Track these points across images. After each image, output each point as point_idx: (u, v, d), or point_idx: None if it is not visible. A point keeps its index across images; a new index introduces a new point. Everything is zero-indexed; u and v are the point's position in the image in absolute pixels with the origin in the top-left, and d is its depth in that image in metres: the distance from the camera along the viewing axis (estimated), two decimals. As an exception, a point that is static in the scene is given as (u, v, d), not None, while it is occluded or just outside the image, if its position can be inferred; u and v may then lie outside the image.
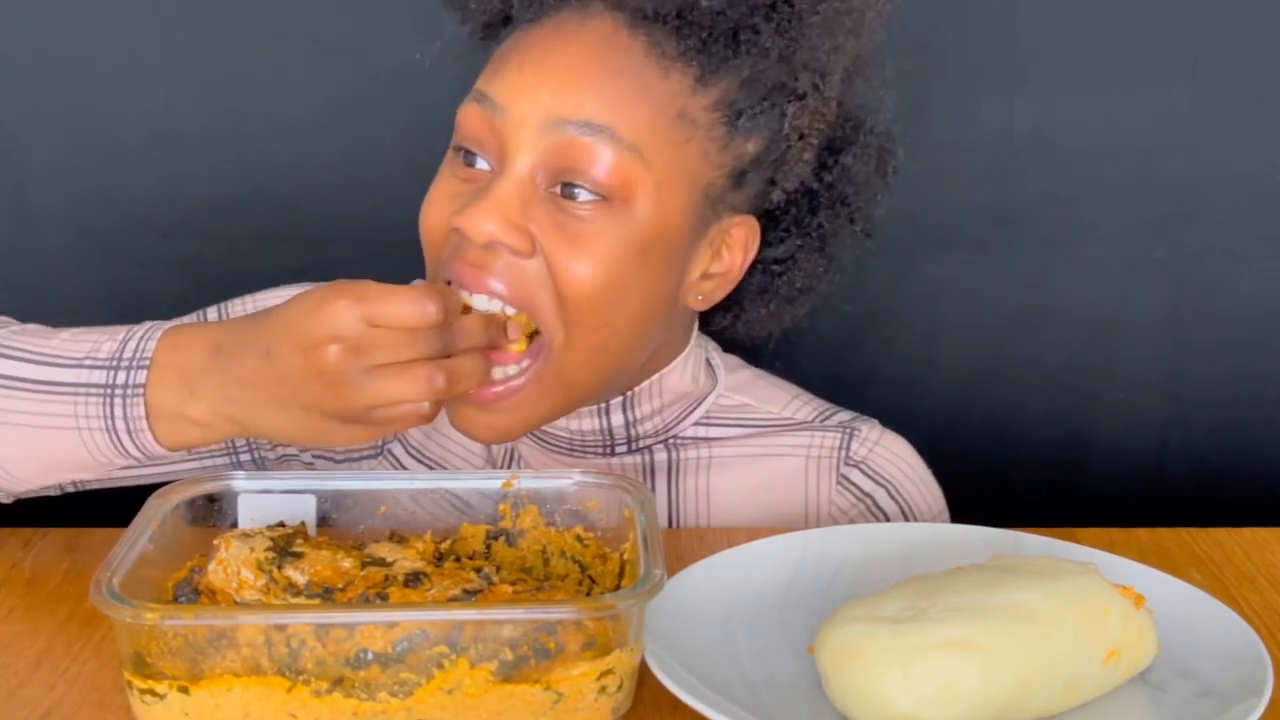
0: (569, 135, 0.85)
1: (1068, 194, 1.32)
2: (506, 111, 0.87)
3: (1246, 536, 0.92)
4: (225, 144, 1.30)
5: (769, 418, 1.03)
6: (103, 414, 0.82)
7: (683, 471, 1.01)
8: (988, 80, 1.29)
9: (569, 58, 0.87)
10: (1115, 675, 0.69)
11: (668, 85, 0.87)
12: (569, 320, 0.87)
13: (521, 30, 0.91)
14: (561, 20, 0.89)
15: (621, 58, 0.87)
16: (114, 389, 0.82)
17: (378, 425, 0.79)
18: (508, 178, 0.86)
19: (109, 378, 0.82)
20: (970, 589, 0.69)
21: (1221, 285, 1.34)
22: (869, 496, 1.02)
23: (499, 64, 0.90)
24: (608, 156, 0.86)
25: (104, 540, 0.89)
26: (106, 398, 0.82)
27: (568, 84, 0.86)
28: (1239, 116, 1.29)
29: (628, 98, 0.86)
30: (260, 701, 0.65)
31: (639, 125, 0.86)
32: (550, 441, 0.99)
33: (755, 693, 0.70)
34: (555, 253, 0.86)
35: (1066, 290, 1.35)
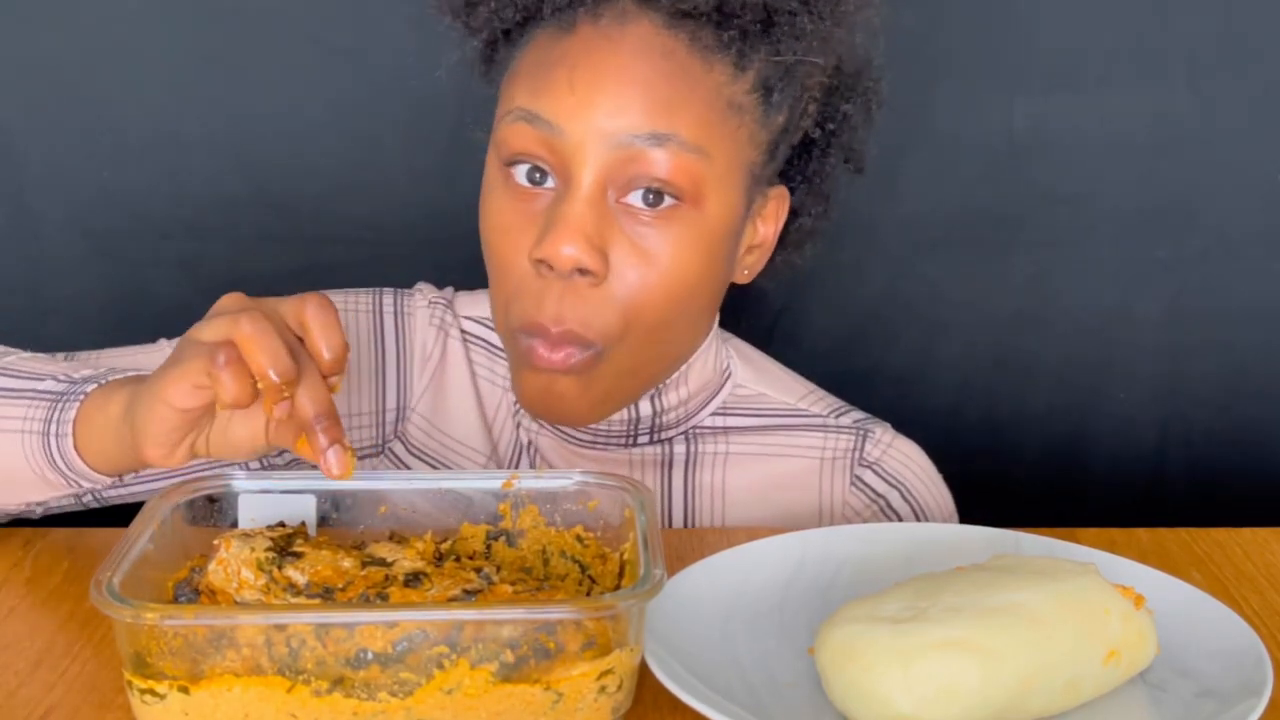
0: (636, 149, 0.85)
1: (1068, 194, 1.32)
2: (565, 133, 0.85)
3: (1246, 537, 0.92)
4: (225, 144, 1.30)
5: (784, 408, 1.04)
6: (45, 417, 0.83)
7: (699, 466, 1.02)
8: (988, 80, 1.29)
9: (620, 70, 0.85)
10: (1115, 675, 0.69)
11: (713, 78, 0.87)
12: (629, 331, 0.88)
13: (550, 37, 0.88)
14: (600, 27, 0.86)
15: (669, 60, 0.86)
16: (64, 397, 0.83)
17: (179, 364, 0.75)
18: (578, 197, 0.86)
19: (67, 389, 0.84)
20: (970, 589, 0.69)
21: (1221, 285, 1.34)
22: (882, 498, 1.03)
23: (540, 78, 0.87)
24: (676, 162, 0.85)
25: (104, 540, 0.89)
26: (54, 403, 0.83)
27: (625, 98, 0.85)
28: (1239, 116, 1.29)
29: (683, 99, 0.86)
30: (260, 701, 0.65)
31: (698, 124, 0.86)
32: (569, 432, 1.00)
33: (755, 693, 0.70)
34: (627, 272, 0.87)
35: (1066, 290, 1.35)
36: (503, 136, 0.88)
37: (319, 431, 0.74)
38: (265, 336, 0.72)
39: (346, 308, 1.03)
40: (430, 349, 1.04)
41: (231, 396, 0.72)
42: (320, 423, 0.74)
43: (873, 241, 1.34)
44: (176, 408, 0.74)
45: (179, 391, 0.74)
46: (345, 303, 1.03)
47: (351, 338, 1.02)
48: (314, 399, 0.74)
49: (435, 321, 1.04)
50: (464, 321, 1.05)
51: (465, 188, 0.99)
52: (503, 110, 0.89)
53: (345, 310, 1.03)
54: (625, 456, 1.01)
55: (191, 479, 0.79)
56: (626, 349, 0.89)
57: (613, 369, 0.90)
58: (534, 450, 1.02)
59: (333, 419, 0.74)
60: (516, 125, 0.87)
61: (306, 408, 0.73)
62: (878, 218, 1.33)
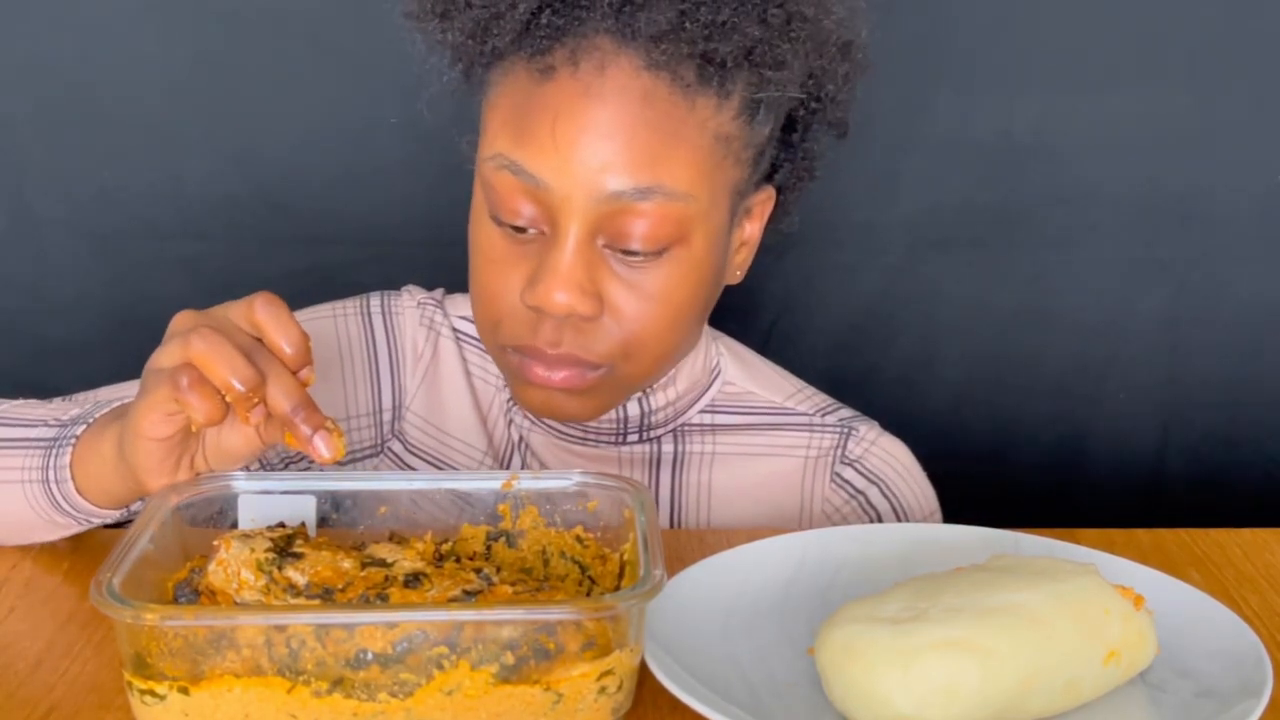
0: (622, 203, 0.85)
1: (1068, 194, 1.32)
2: (551, 188, 0.85)
3: (1246, 537, 0.92)
4: (225, 144, 1.30)
5: (771, 406, 1.04)
6: (42, 465, 0.84)
7: (686, 466, 1.02)
8: (988, 80, 1.29)
9: (603, 124, 0.84)
10: (1115, 676, 0.69)
11: (696, 116, 0.86)
12: (632, 354, 0.90)
13: (528, 77, 0.86)
14: (580, 75, 0.84)
15: (651, 107, 0.84)
16: (56, 442, 0.84)
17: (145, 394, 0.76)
18: (567, 247, 0.86)
19: (59, 434, 0.85)
20: (970, 589, 0.69)
21: (1221, 285, 1.34)
22: (861, 494, 1.03)
23: (521, 126, 0.86)
24: (663, 213, 0.85)
25: (104, 540, 0.89)
26: (48, 450, 0.84)
27: (609, 153, 0.84)
28: (1239, 117, 1.29)
29: (668, 148, 0.85)
30: (260, 702, 0.65)
31: (684, 169, 0.86)
32: (560, 428, 1.00)
33: (755, 693, 0.70)
34: (624, 307, 0.88)
35: (1066, 290, 1.35)
36: (488, 179, 0.88)
37: (299, 423, 0.74)
38: (219, 349, 0.73)
39: (335, 315, 1.04)
40: (421, 348, 1.04)
41: (203, 416, 0.73)
42: (298, 414, 0.74)
43: (873, 241, 1.34)
44: (155, 439, 0.76)
45: (151, 423, 0.75)
46: (333, 311, 1.04)
47: (342, 342, 1.03)
48: (285, 393, 0.74)
49: (425, 321, 1.04)
50: (455, 320, 1.05)
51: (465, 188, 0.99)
52: (487, 149, 0.88)
53: (334, 317, 1.03)
54: (615, 454, 1.02)
55: (192, 479, 0.79)
56: (630, 366, 0.91)
57: (616, 382, 0.92)
58: (525, 446, 1.03)
59: (309, 407, 0.74)
60: (501, 174, 0.87)
61: (281, 404, 0.74)
62: (878, 218, 1.33)
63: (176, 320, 0.77)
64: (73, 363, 1.34)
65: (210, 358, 0.73)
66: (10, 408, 0.90)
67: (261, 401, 0.74)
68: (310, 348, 0.76)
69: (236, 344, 0.74)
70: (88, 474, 0.83)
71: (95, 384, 1.02)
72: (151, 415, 0.75)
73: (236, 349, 0.73)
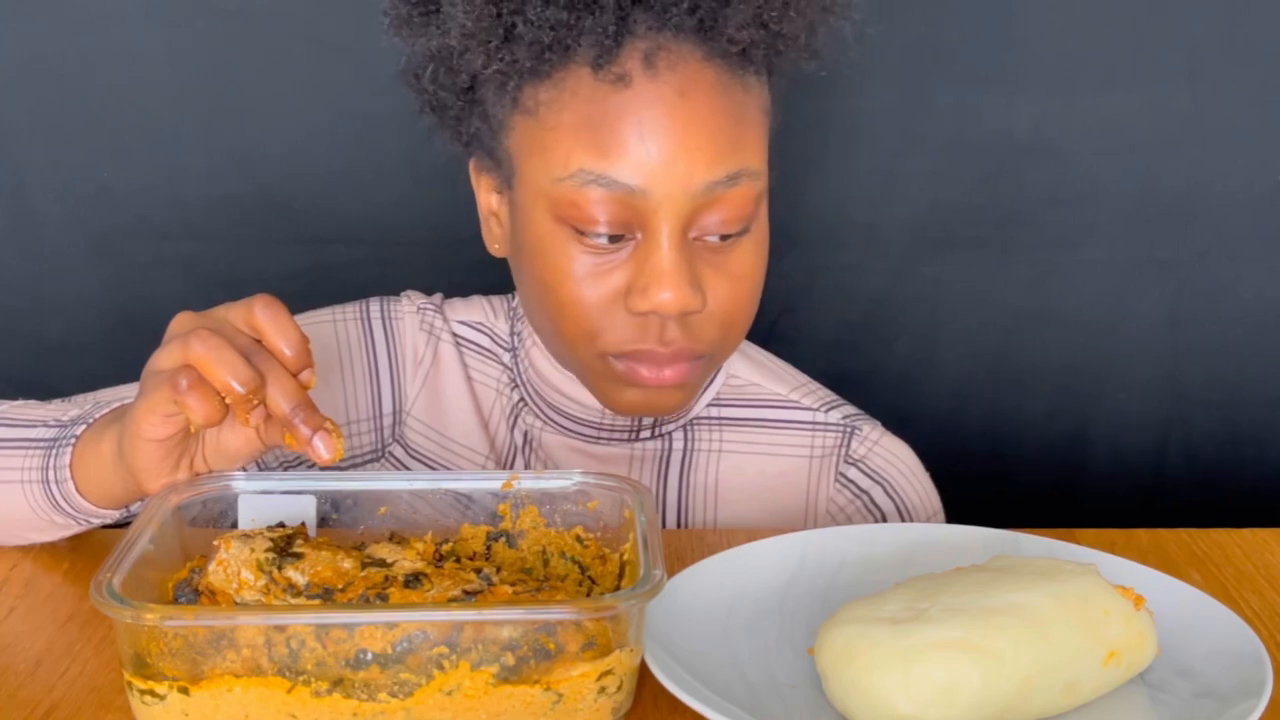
0: (716, 193, 0.87)
1: (1068, 194, 1.32)
2: (648, 193, 0.85)
3: (1246, 537, 0.92)
4: (225, 144, 1.30)
5: (777, 398, 1.05)
6: (42, 465, 0.84)
7: (695, 464, 1.03)
8: (988, 80, 1.29)
9: (690, 121, 0.86)
10: (1115, 676, 0.69)
11: (751, 97, 0.89)
12: (729, 336, 0.93)
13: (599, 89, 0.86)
14: (656, 77, 0.85)
15: (725, 96, 0.87)
16: (56, 442, 0.84)
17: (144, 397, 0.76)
18: (669, 246, 0.87)
19: (59, 434, 0.85)
20: (970, 589, 0.69)
21: (1221, 285, 1.34)
22: (865, 493, 1.04)
23: (604, 137, 0.85)
24: (745, 195, 0.88)
25: (104, 540, 0.89)
26: (48, 450, 0.84)
27: (701, 149, 0.86)
28: (1239, 117, 1.29)
29: (744, 131, 0.88)
30: (260, 702, 0.65)
31: (757, 149, 0.89)
32: (574, 429, 1.01)
33: (755, 693, 0.70)
34: (720, 293, 0.90)
35: (1066, 290, 1.35)
36: (568, 198, 0.87)
37: (298, 424, 0.74)
38: (218, 351, 0.73)
39: (335, 319, 1.04)
40: (421, 353, 1.04)
41: (202, 417, 0.73)
42: (297, 415, 0.74)
43: (873, 241, 1.34)
44: (154, 440, 0.76)
45: (150, 425, 0.75)
46: (333, 315, 1.04)
47: (343, 347, 1.03)
48: (284, 394, 0.74)
49: (425, 326, 1.04)
50: (455, 325, 1.05)
51: (465, 188, 0.99)
52: (558, 170, 0.87)
53: (334, 322, 1.04)
54: (628, 452, 1.02)
55: (192, 479, 0.79)
56: (727, 348, 0.94)
57: (711, 367, 0.95)
58: (531, 449, 1.03)
59: (309, 408, 0.75)
60: (587, 190, 0.86)
61: (280, 405, 0.74)
62: (878, 218, 1.33)
63: (175, 322, 0.77)
64: (72, 363, 1.34)
65: (209, 360, 0.73)
66: (10, 408, 0.90)
67: (261, 403, 0.74)
68: (310, 350, 0.76)
69: (236, 346, 0.74)
70: (87, 474, 0.83)
71: (95, 384, 1.02)
72: (150, 417, 0.75)
73: (235, 351, 0.73)
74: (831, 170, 1.32)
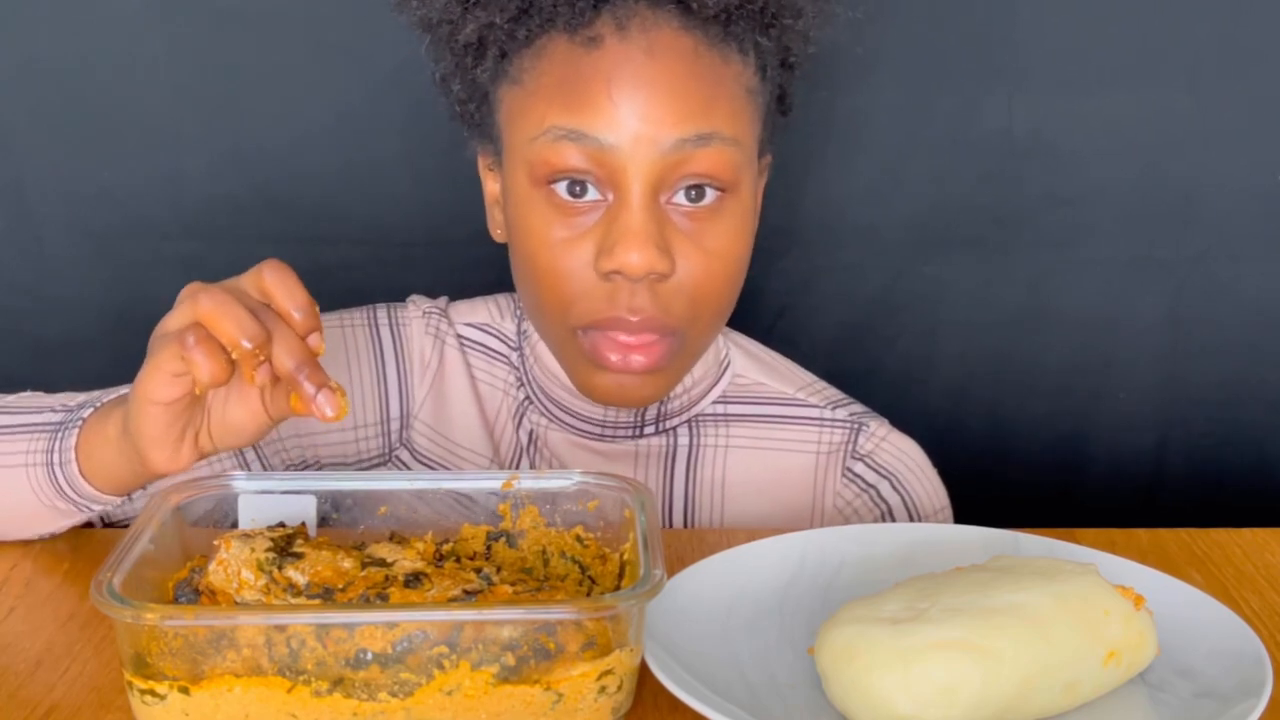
0: (685, 151, 0.88)
1: (1068, 194, 1.32)
2: (614, 147, 0.87)
3: (1246, 537, 0.92)
4: (225, 144, 1.30)
5: (783, 397, 1.06)
6: (46, 449, 0.84)
7: (700, 461, 1.03)
8: (988, 80, 1.29)
9: (658, 77, 0.87)
10: (1115, 676, 0.69)
11: (731, 70, 0.90)
12: (699, 315, 0.92)
13: (571, 51, 0.88)
14: (627, 38, 0.88)
15: (698, 61, 0.89)
16: (63, 426, 0.84)
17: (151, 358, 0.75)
18: (638, 206, 0.88)
19: (65, 418, 0.85)
20: (970, 589, 0.69)
21: (1221, 286, 1.34)
22: (873, 488, 1.04)
23: (575, 95, 0.88)
24: (720, 158, 0.89)
25: (104, 540, 0.89)
26: (54, 433, 0.84)
27: (668, 104, 0.87)
28: (1239, 117, 1.29)
29: (717, 96, 0.89)
30: (260, 702, 0.65)
31: (732, 117, 0.90)
32: (579, 427, 1.01)
33: (755, 693, 0.70)
34: (691, 263, 0.90)
35: (1066, 290, 1.35)
36: (541, 156, 0.89)
37: (302, 380, 0.73)
38: (226, 307, 0.72)
39: (343, 324, 1.04)
40: (428, 357, 1.04)
41: (208, 373, 0.72)
42: (302, 371, 0.73)
43: (873, 241, 1.34)
44: (160, 402, 0.75)
45: (157, 385, 0.74)
46: (340, 320, 1.04)
47: (350, 352, 1.03)
48: (290, 352, 0.73)
49: (431, 330, 1.04)
50: (460, 328, 1.05)
51: (465, 187, 1.00)
52: (535, 128, 0.89)
53: (341, 327, 1.04)
54: (632, 448, 1.02)
55: (192, 479, 0.79)
56: (696, 332, 0.93)
57: (684, 353, 0.94)
58: (535, 449, 1.03)
59: (313, 366, 0.74)
60: (558, 144, 0.88)
61: (285, 362, 0.73)
62: (878, 218, 1.33)
63: (185, 290, 0.77)
64: (72, 362, 1.34)
65: (217, 314, 0.72)
66: (15, 399, 0.90)
67: (267, 360, 0.73)
68: (318, 313, 0.76)
69: (243, 304, 0.73)
70: (92, 456, 0.82)
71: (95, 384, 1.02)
72: (157, 376, 0.74)
73: (243, 307, 0.73)
74: (831, 170, 1.31)
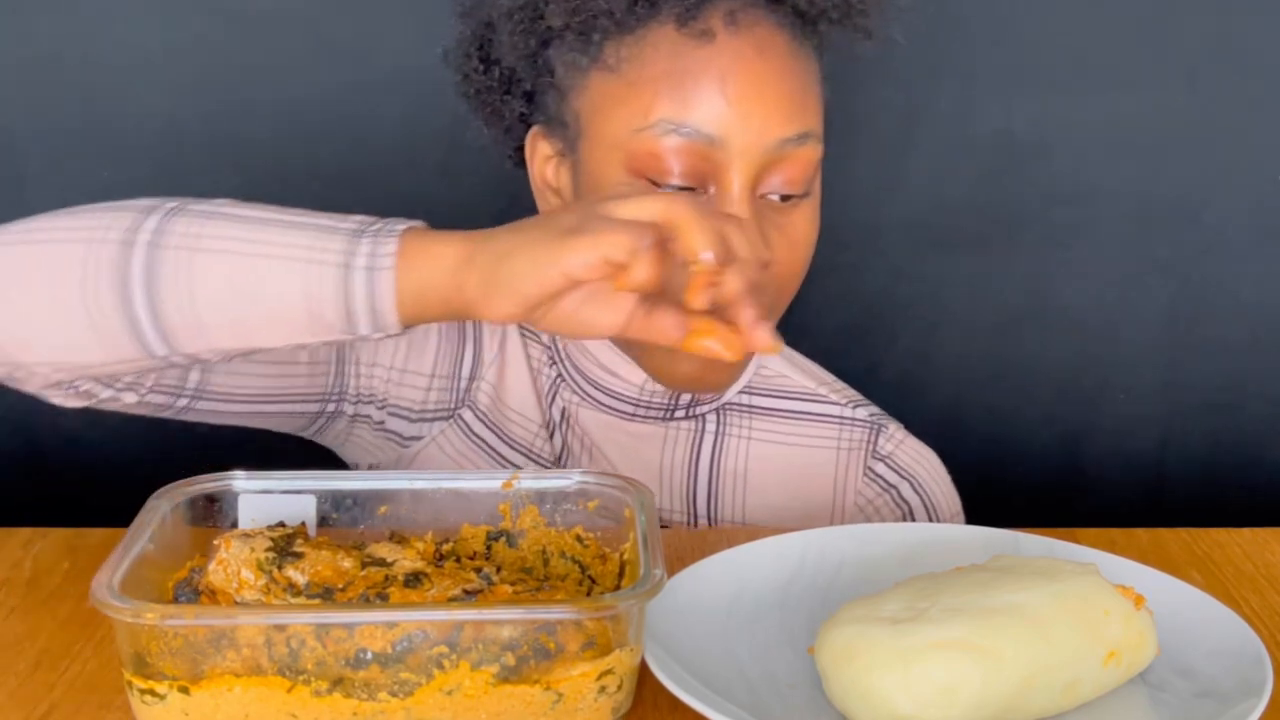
0: (787, 150, 0.90)
1: (1068, 194, 1.32)
2: (726, 143, 0.88)
3: (1246, 537, 0.92)
4: (225, 144, 1.30)
5: (806, 392, 1.07)
6: (344, 249, 0.76)
7: (726, 449, 1.04)
8: (988, 80, 1.29)
9: (768, 79, 0.89)
10: (1115, 676, 0.69)
11: (811, 65, 0.93)
12: (778, 302, 0.95)
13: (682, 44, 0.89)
14: (738, 34, 0.89)
15: (795, 59, 0.91)
16: (365, 231, 0.77)
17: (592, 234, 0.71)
18: (741, 199, 0.89)
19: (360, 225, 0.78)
20: (970, 589, 0.69)
21: (1222, 285, 1.34)
22: (894, 488, 1.06)
23: (686, 89, 0.88)
24: (809, 156, 0.92)
25: (104, 540, 0.89)
26: (354, 236, 0.77)
27: (776, 106, 0.89)
28: (1239, 117, 1.29)
29: (808, 95, 0.92)
30: (260, 702, 0.65)
31: (817, 115, 0.93)
32: (612, 406, 1.02)
33: (755, 693, 0.70)
34: (782, 258, 0.92)
35: (1066, 290, 1.35)
36: (646, 148, 0.89)
37: (746, 306, 0.71)
38: (704, 219, 0.70)
39: None
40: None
41: (646, 278, 0.70)
42: (748, 297, 0.72)
43: (873, 241, 1.34)
44: (571, 276, 0.70)
45: (583, 261, 0.69)
46: None
47: None
48: (744, 277, 0.71)
49: None
50: None
51: (465, 186, 1.00)
52: (638, 121, 0.89)
53: None
54: (662, 430, 1.03)
55: (192, 479, 0.79)
56: (775, 318, 0.95)
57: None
58: (568, 425, 1.04)
59: (757, 294, 0.72)
60: (667, 139, 0.89)
61: (736, 285, 0.71)
62: (878, 218, 1.33)
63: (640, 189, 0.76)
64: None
65: (692, 222, 0.70)
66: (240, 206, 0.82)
67: (716, 284, 0.71)
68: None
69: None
70: (410, 271, 0.75)
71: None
72: (590, 254, 0.69)
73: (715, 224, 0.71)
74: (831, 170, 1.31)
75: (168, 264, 0.77)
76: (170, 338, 0.78)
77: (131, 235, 0.78)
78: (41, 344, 0.80)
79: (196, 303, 0.77)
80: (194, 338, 0.78)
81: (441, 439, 1.03)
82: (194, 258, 0.77)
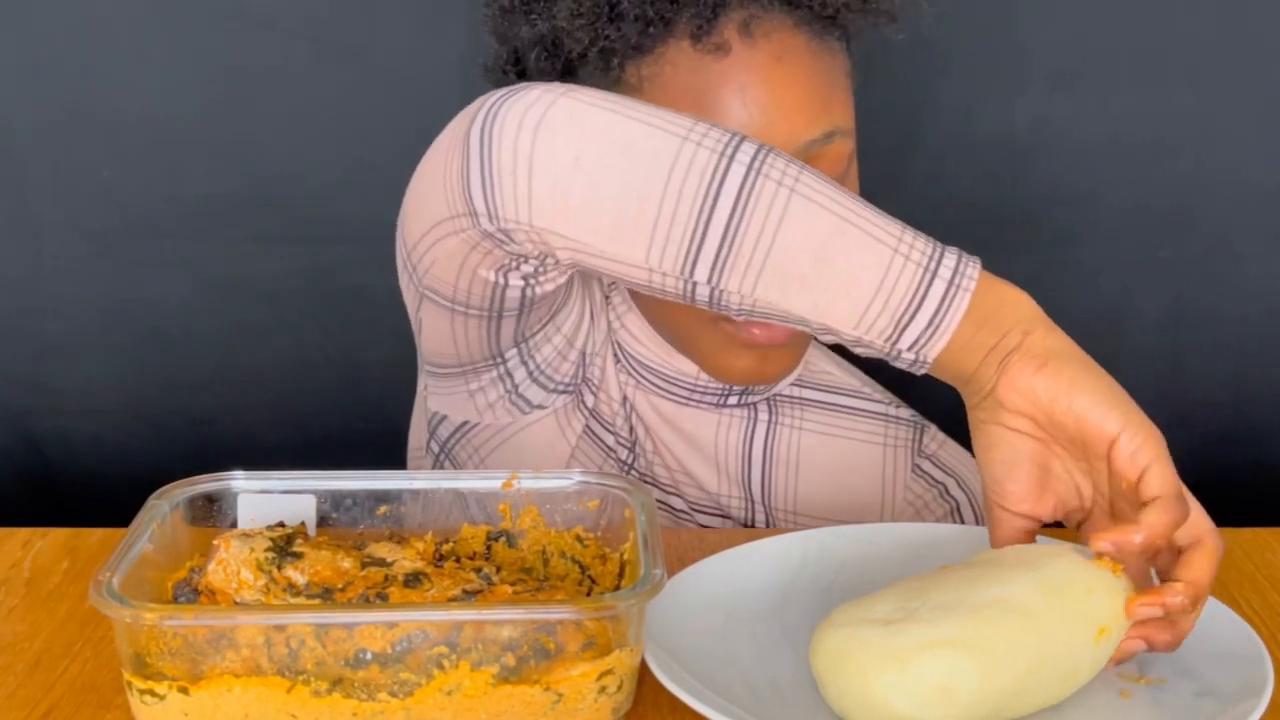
0: (814, 150, 0.91)
1: (1069, 194, 1.32)
2: None
3: (1246, 536, 0.92)
4: (225, 144, 1.30)
5: (850, 388, 1.09)
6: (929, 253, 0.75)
7: (778, 438, 1.05)
8: (988, 80, 1.29)
9: (788, 83, 0.90)
10: (1107, 650, 0.69)
11: (837, 61, 0.94)
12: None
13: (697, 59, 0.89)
14: (753, 44, 0.89)
15: (816, 59, 0.92)
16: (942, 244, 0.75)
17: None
18: None
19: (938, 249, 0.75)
20: (958, 586, 0.69)
21: (1223, 285, 1.34)
22: (940, 484, 1.08)
23: (707, 104, 0.89)
24: (839, 151, 0.92)
25: (104, 540, 0.89)
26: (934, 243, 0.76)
27: (799, 109, 0.90)
28: (1240, 116, 1.29)
29: (834, 92, 0.92)
30: (260, 702, 0.65)
31: (846, 108, 0.94)
32: (668, 390, 1.02)
33: (755, 693, 0.70)
34: None
35: (1066, 290, 1.35)
36: None
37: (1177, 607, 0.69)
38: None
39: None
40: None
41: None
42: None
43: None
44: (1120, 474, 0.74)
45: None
46: None
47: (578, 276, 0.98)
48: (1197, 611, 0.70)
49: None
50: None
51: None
52: None
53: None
54: (715, 415, 1.04)
55: (192, 478, 0.79)
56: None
57: (804, 334, 0.95)
58: (628, 407, 1.04)
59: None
60: None
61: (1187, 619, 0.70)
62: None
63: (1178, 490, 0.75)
64: (72, 363, 1.34)
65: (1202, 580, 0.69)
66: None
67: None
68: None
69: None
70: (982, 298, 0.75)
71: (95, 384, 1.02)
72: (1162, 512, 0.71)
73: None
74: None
75: (766, 193, 0.71)
76: (724, 265, 0.71)
77: (730, 150, 0.71)
78: (581, 219, 0.73)
79: (775, 241, 0.71)
80: (744, 273, 0.71)
81: (560, 413, 1.01)
82: (792, 197, 0.71)
